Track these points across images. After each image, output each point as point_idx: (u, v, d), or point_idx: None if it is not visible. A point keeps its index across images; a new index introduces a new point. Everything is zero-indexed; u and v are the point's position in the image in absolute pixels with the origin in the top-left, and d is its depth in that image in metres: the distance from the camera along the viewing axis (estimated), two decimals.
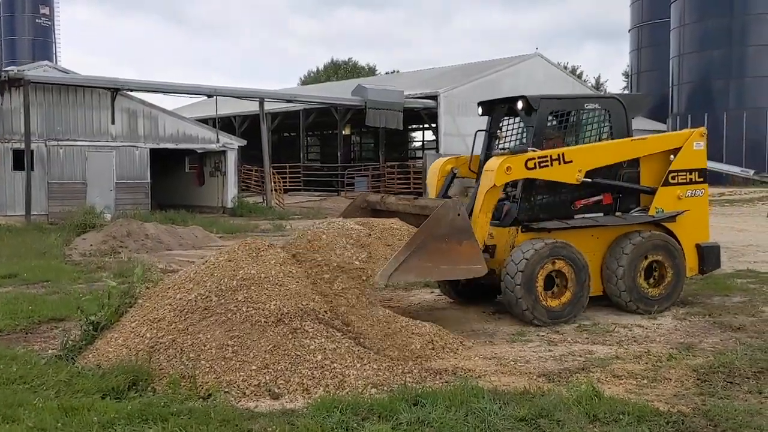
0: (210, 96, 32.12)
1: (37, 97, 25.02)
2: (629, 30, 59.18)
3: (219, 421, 5.32)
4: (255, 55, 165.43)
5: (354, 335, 6.90)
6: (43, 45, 77.13)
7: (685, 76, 46.39)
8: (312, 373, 6.23)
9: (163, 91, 30.87)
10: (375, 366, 6.48)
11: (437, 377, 6.46)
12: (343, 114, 39.07)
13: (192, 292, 6.97)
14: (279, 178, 35.53)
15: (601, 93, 37.66)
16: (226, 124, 41.87)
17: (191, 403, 5.72)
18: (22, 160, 24.42)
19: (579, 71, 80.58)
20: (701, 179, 9.61)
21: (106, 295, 7.48)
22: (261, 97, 32.57)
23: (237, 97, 33.41)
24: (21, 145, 24.46)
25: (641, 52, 57.13)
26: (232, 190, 30.06)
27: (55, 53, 77.97)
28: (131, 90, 27.54)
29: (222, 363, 6.25)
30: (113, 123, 26.42)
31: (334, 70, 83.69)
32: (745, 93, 43.83)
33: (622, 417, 5.29)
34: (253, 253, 7.31)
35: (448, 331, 7.67)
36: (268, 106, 34.33)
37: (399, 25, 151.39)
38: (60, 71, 28.69)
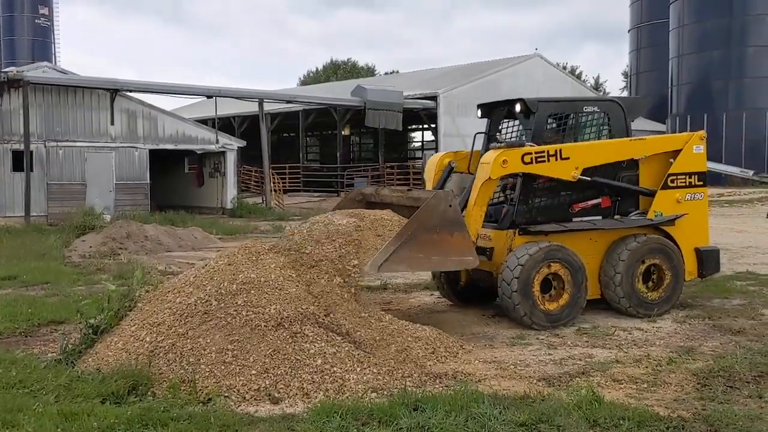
0: (209, 97, 32.12)
1: (37, 98, 25.03)
2: (628, 30, 59.18)
3: (219, 426, 5.33)
4: (254, 56, 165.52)
5: (353, 339, 6.88)
6: (43, 45, 77.01)
7: (685, 76, 46.38)
8: (312, 378, 6.23)
9: (163, 92, 30.90)
10: (375, 370, 6.48)
11: (437, 381, 6.46)
12: (343, 114, 39.06)
13: (192, 296, 6.96)
14: (278, 178, 35.53)
15: (600, 95, 37.65)
16: (225, 124, 41.90)
17: (191, 408, 5.72)
18: (21, 161, 24.45)
19: (578, 71, 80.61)
20: (701, 182, 9.58)
21: (105, 299, 7.49)
22: (260, 98, 32.58)
23: (236, 98, 33.40)
24: (20, 146, 24.50)
25: (640, 52, 57.13)
26: (231, 190, 30.08)
27: (55, 54, 77.85)
28: (130, 91, 27.56)
29: (222, 367, 6.25)
30: (112, 124, 26.44)
31: (333, 70, 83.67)
32: (745, 93, 43.81)
33: (622, 422, 5.29)
34: (253, 257, 7.29)
35: (448, 335, 7.66)
36: (267, 106, 34.34)
37: (399, 25, 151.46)
38: (59, 72, 28.70)
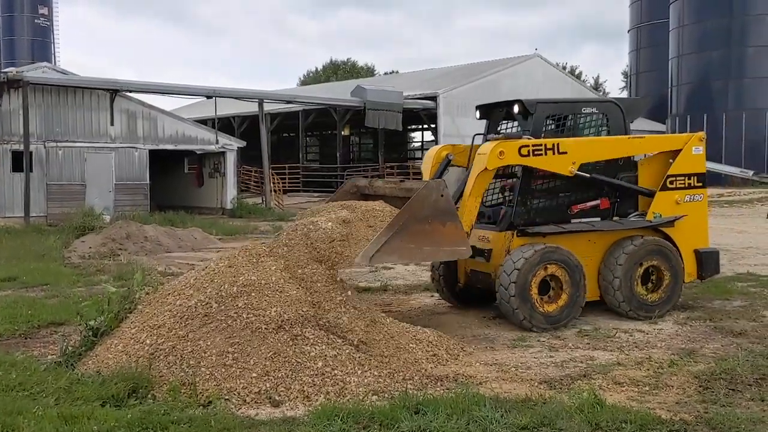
0: (209, 97, 32.09)
1: (36, 99, 25.00)
2: (628, 30, 59.17)
3: (219, 430, 5.32)
4: (254, 56, 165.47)
5: (354, 341, 6.86)
6: (42, 45, 76.95)
7: (684, 76, 46.37)
8: (313, 381, 6.21)
9: (162, 92, 30.88)
10: (376, 373, 6.47)
11: (438, 384, 6.45)
12: (343, 115, 39.04)
13: (192, 298, 6.94)
14: (278, 179, 35.49)
15: (599, 97, 37.62)
16: (225, 124, 41.87)
17: (191, 411, 5.71)
18: (20, 161, 24.43)
19: (578, 71, 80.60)
20: (700, 184, 9.56)
21: (105, 301, 7.47)
22: (260, 98, 32.55)
23: (236, 98, 33.38)
24: (20, 147, 24.48)
25: (640, 52, 57.13)
26: (231, 191, 30.06)
27: (54, 54, 77.77)
28: (130, 91, 27.54)
29: (222, 370, 6.23)
30: (112, 124, 26.41)
31: (333, 70, 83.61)
32: (744, 94, 43.80)
33: (624, 426, 5.26)
34: (254, 259, 7.26)
35: (448, 337, 7.64)
36: (267, 106, 34.32)
37: (399, 25, 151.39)
38: (59, 72, 28.67)
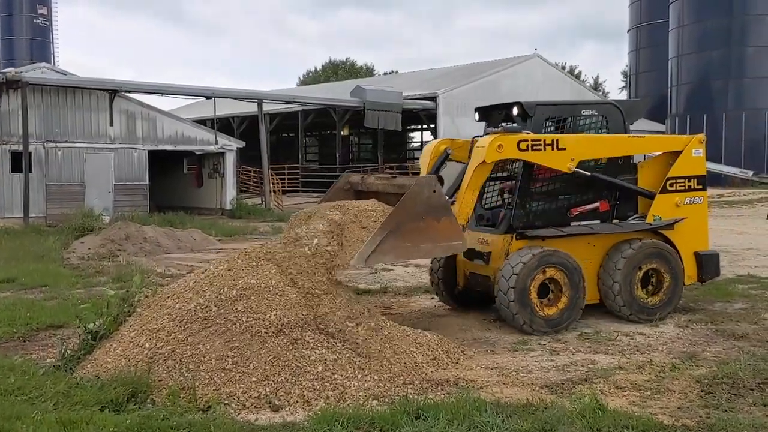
0: (208, 98, 32.05)
1: (35, 99, 24.96)
2: (628, 30, 59.17)
3: None
4: (254, 56, 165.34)
5: (354, 345, 6.82)
6: (41, 45, 76.87)
7: (684, 76, 46.38)
8: (313, 385, 6.18)
9: (162, 93, 30.82)
10: (376, 377, 6.44)
11: (439, 388, 6.42)
12: (342, 115, 38.99)
13: (191, 301, 6.90)
14: (277, 179, 35.44)
15: (599, 99, 37.53)
16: (224, 124, 41.83)
17: (191, 416, 5.68)
18: (20, 162, 24.38)
19: (577, 71, 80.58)
20: (700, 186, 9.53)
21: (104, 304, 7.43)
22: (259, 99, 32.50)
23: (236, 99, 33.33)
24: (19, 147, 24.42)
25: (640, 52, 57.13)
26: (230, 191, 30.01)
27: (53, 53, 77.70)
28: (129, 91, 27.50)
29: (222, 374, 6.20)
30: (111, 125, 26.36)
31: (333, 70, 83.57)
32: (744, 94, 43.82)
33: (626, 431, 5.24)
34: (253, 263, 7.22)
35: (449, 341, 7.61)
36: (266, 106, 34.27)
37: (399, 25, 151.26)
38: (58, 72, 28.58)
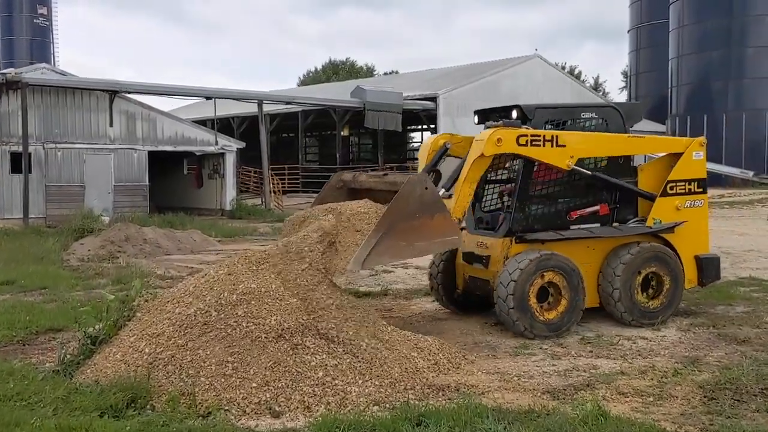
0: (209, 98, 32.00)
1: (35, 100, 24.93)
2: (628, 31, 59.12)
3: None
4: (254, 56, 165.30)
5: (355, 350, 6.77)
6: (41, 45, 76.80)
7: (684, 77, 46.34)
8: (313, 390, 6.15)
9: (162, 93, 30.79)
10: (377, 382, 6.40)
11: (440, 394, 6.38)
12: (342, 115, 38.95)
13: (191, 306, 6.86)
14: (278, 179, 35.40)
15: (599, 101, 37.47)
16: (224, 125, 41.78)
17: (191, 422, 5.64)
18: (19, 162, 24.36)
19: (577, 71, 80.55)
20: (700, 189, 9.49)
21: (104, 308, 7.39)
22: (260, 99, 32.47)
23: (236, 99, 33.30)
24: (18, 148, 24.40)
25: (640, 52, 57.09)
26: (230, 192, 29.99)
27: (53, 54, 77.61)
28: (129, 92, 27.46)
29: (222, 380, 6.16)
30: (111, 125, 26.34)
31: (333, 70, 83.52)
32: (744, 94, 43.77)
33: None
34: (253, 267, 7.18)
35: (450, 345, 7.57)
36: (266, 107, 34.22)
37: (399, 25, 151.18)
38: (58, 73, 28.56)
